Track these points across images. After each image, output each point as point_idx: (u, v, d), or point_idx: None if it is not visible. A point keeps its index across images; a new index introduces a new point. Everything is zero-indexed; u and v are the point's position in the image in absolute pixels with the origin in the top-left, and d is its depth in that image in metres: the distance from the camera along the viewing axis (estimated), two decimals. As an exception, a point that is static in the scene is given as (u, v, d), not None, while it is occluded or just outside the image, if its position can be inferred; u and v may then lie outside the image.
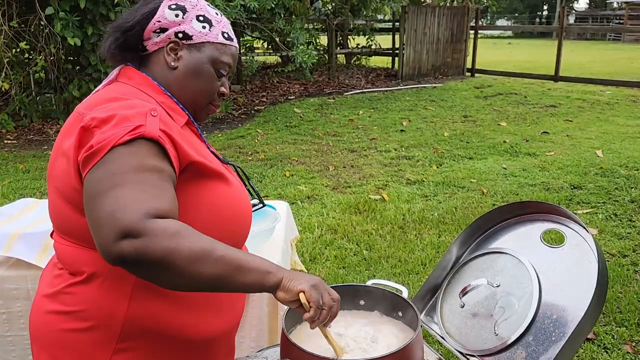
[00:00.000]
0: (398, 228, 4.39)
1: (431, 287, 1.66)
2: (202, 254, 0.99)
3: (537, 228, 1.54)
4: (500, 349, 1.40)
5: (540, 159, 6.25)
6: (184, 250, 0.97)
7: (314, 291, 1.11)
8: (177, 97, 1.25)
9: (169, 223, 0.99)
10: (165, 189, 1.05)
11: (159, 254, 0.96)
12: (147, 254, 0.95)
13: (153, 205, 0.99)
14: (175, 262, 0.97)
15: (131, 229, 0.95)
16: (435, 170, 5.95)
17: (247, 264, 1.06)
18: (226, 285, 1.05)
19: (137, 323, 1.17)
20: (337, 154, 6.72)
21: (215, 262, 1.01)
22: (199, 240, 1.01)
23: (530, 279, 1.45)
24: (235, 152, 6.90)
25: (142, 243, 0.95)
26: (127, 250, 0.94)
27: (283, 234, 2.21)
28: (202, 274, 1.00)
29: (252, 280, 1.06)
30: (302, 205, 4.96)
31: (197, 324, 1.23)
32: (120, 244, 0.94)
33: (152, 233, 0.95)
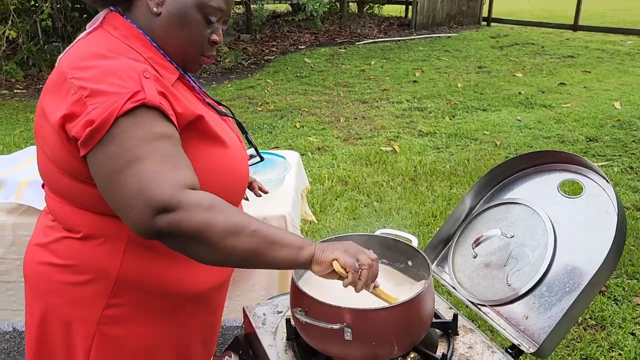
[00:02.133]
0: (409, 180, 4.36)
1: (443, 237, 1.64)
2: (237, 228, 0.98)
3: (554, 178, 1.50)
4: (512, 299, 1.39)
5: (556, 110, 6.12)
6: (219, 224, 0.96)
7: (347, 256, 1.08)
8: (164, 48, 1.15)
9: (202, 195, 0.97)
10: (181, 155, 1.02)
11: (194, 227, 0.94)
12: (182, 228, 0.94)
13: (181, 176, 0.97)
14: (210, 235, 0.96)
15: (167, 203, 0.93)
16: (448, 121, 5.85)
17: (281, 239, 1.04)
18: (259, 260, 1.03)
19: (130, 279, 1.15)
20: (348, 105, 6.62)
21: (249, 237, 0.99)
22: (233, 215, 0.99)
23: (546, 230, 1.42)
24: (245, 103, 6.82)
25: (176, 217, 0.93)
26: (162, 225, 0.94)
27: (294, 183, 2.19)
28: (236, 248, 0.98)
29: (285, 256, 1.04)
30: (312, 156, 4.92)
31: (189, 279, 1.21)
32: (155, 220, 0.93)
33: (186, 206, 0.94)
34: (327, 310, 1.12)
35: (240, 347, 1.40)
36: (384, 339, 1.12)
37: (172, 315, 1.23)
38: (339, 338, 1.11)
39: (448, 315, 1.38)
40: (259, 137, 5.50)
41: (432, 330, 1.34)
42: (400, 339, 1.13)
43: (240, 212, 1.03)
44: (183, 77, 1.19)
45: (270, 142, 5.35)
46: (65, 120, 1.01)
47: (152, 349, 1.23)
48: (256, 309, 1.45)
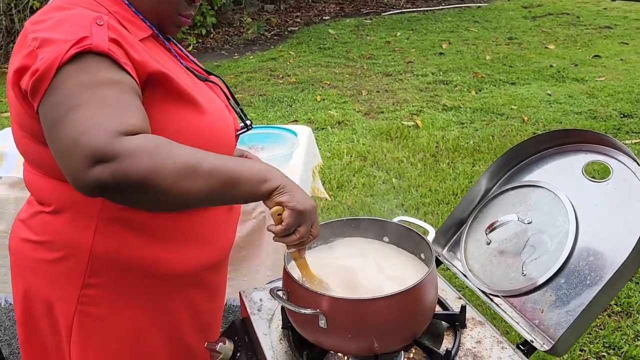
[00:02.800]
0: (430, 156, 4.22)
1: (456, 221, 1.53)
2: (188, 169, 0.89)
3: (579, 160, 1.37)
4: (527, 291, 1.28)
5: (589, 84, 5.84)
6: (167, 167, 0.87)
7: (295, 217, 0.99)
8: (136, 5, 1.08)
9: (144, 138, 0.87)
10: (128, 101, 0.91)
11: (140, 175, 0.85)
12: (126, 177, 0.84)
13: (120, 121, 0.87)
14: (159, 181, 0.86)
15: (102, 153, 0.83)
16: (474, 95, 5.64)
17: (241, 174, 0.95)
18: (219, 200, 0.97)
19: (105, 257, 1.10)
20: (371, 78, 6.45)
21: (204, 177, 0.90)
22: (183, 154, 0.90)
23: (567, 216, 1.30)
24: (266, 75, 6.71)
25: (117, 166, 0.83)
26: (102, 176, 0.83)
27: (303, 160, 2.09)
28: (191, 190, 0.90)
29: (246, 192, 0.96)
30: (332, 130, 4.81)
31: (172, 257, 1.15)
32: (92, 172, 0.83)
33: (126, 153, 0.84)
34: (305, 295, 1.05)
35: (236, 332, 1.33)
36: (359, 331, 1.03)
37: (157, 298, 1.17)
38: (315, 325, 1.04)
39: (456, 307, 1.28)
40: (278, 110, 5.40)
41: (439, 322, 1.24)
42: (384, 335, 1.04)
43: (192, 149, 0.93)
44: (158, 37, 1.11)
45: (290, 116, 5.25)
46: (18, 75, 0.95)
47: (138, 333, 1.18)
48: (253, 293, 1.37)
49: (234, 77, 6.70)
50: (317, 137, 4.67)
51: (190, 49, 8.43)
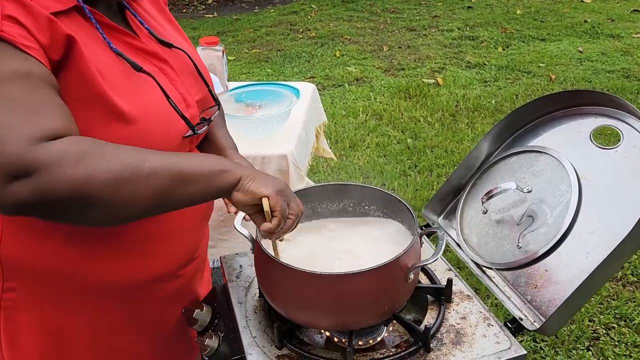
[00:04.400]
0: (449, 116, 4.07)
1: (453, 187, 1.43)
2: (126, 173, 0.76)
3: (587, 124, 1.25)
4: (522, 264, 1.20)
5: (624, 41, 5.51)
6: (101, 174, 0.74)
7: (281, 198, 0.91)
8: None
9: (69, 142, 0.75)
10: (42, 98, 0.77)
11: (67, 188, 0.73)
12: (49, 193, 0.72)
13: (35, 126, 0.73)
14: (92, 193, 0.74)
15: (17, 167, 0.71)
16: (500, 52, 5.39)
17: (192, 169, 0.83)
18: (171, 203, 0.84)
19: (16, 263, 0.98)
20: (393, 33, 6.22)
21: (147, 179, 0.78)
22: (118, 156, 0.77)
23: (570, 185, 1.19)
24: (286, 29, 6.53)
25: (38, 180, 0.71)
26: (21, 195, 0.71)
27: (302, 118, 2.01)
28: (131, 197, 0.77)
29: (202, 189, 0.85)
30: (349, 88, 4.67)
31: (100, 270, 1.00)
32: (11, 190, 0.71)
33: (47, 164, 0.71)
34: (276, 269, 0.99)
35: (216, 298, 1.29)
36: (330, 308, 0.97)
37: (83, 306, 1.05)
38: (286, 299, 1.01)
39: (444, 279, 1.21)
40: (295, 66, 5.27)
41: (424, 295, 1.18)
42: (356, 311, 0.97)
43: (129, 148, 0.80)
44: (82, 10, 0.89)
45: (307, 72, 5.11)
46: None
47: (63, 339, 1.07)
48: (234, 259, 1.32)
49: (252, 31, 6.54)
50: (334, 94, 4.54)
51: (210, 1, 8.25)
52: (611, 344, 2.12)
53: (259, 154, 1.76)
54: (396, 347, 1.06)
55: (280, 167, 1.77)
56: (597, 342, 2.14)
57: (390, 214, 1.21)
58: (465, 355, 1.02)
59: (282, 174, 1.77)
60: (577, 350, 2.10)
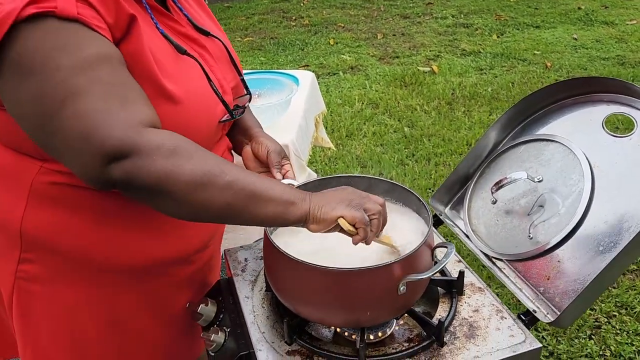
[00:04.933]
0: (445, 104, 4.04)
1: (460, 177, 1.41)
2: (206, 179, 0.80)
3: (599, 111, 1.22)
4: (534, 255, 1.18)
5: (618, 28, 5.50)
6: (185, 174, 0.79)
7: (353, 209, 0.89)
8: None
9: (163, 136, 0.79)
10: (128, 81, 0.82)
11: (154, 176, 0.78)
12: (139, 178, 0.78)
13: (134, 113, 0.78)
14: (173, 188, 0.79)
15: (119, 150, 0.76)
16: (495, 40, 5.36)
17: (265, 192, 0.85)
18: (238, 217, 0.86)
19: (37, 235, 0.98)
20: (387, 20, 6.17)
21: (223, 190, 0.82)
22: (204, 161, 0.81)
23: (582, 175, 1.17)
24: (279, 17, 6.46)
25: (133, 164, 0.77)
26: (117, 175, 0.77)
27: (302, 107, 1.97)
28: (206, 202, 0.82)
29: (272, 213, 0.86)
30: (343, 76, 4.63)
31: (118, 248, 1.01)
32: (108, 170, 0.77)
33: (144, 151, 0.77)
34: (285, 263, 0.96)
35: (221, 293, 1.26)
36: (342, 304, 0.95)
37: (100, 285, 1.05)
38: (295, 294, 0.99)
39: (455, 271, 1.19)
40: (289, 54, 5.21)
41: (434, 287, 1.15)
42: (371, 308, 0.94)
43: (215, 157, 0.84)
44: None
45: (301, 60, 5.06)
46: None
47: (77, 315, 1.06)
48: (238, 252, 1.29)
49: (245, 19, 6.46)
50: (329, 82, 4.50)
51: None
52: (613, 332, 2.12)
53: (259, 144, 1.72)
54: (409, 341, 1.03)
55: (282, 157, 1.73)
56: (598, 331, 2.13)
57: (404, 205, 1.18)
58: (479, 349, 1.00)
59: (283, 165, 1.73)
60: (579, 339, 2.10)
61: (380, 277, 0.93)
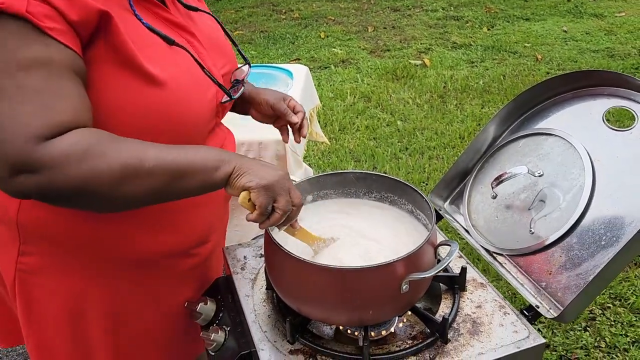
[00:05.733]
0: (437, 97, 4.03)
1: (460, 171, 1.40)
2: (127, 171, 0.79)
3: (599, 105, 1.22)
4: (535, 250, 1.17)
5: (607, 20, 5.53)
6: (103, 174, 0.78)
7: (264, 193, 0.88)
8: None
9: (71, 141, 0.76)
10: (58, 88, 0.77)
11: (69, 185, 0.76)
12: (52, 190, 0.76)
13: (42, 122, 0.75)
14: (94, 189, 0.78)
15: (22, 163, 0.73)
16: (486, 32, 5.37)
17: (188, 166, 0.85)
18: (169, 196, 0.87)
19: (34, 228, 0.98)
20: (378, 13, 6.15)
21: (147, 176, 0.81)
22: (120, 154, 0.79)
23: (583, 169, 1.17)
24: (269, 10, 6.41)
25: (41, 179, 0.75)
26: (26, 187, 0.76)
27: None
28: (132, 193, 0.81)
29: (199, 184, 0.87)
30: (335, 69, 4.60)
31: (116, 239, 1.00)
32: (17, 182, 0.75)
33: (50, 163, 0.74)
34: (286, 261, 0.95)
35: (219, 291, 1.24)
36: (344, 303, 0.93)
37: (99, 275, 1.04)
38: (297, 292, 0.97)
39: (456, 267, 1.18)
40: (280, 47, 5.17)
41: (436, 284, 1.14)
42: (373, 307, 0.93)
43: (131, 146, 0.81)
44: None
45: (292, 54, 5.02)
46: None
47: (75, 307, 1.05)
48: (237, 250, 1.27)
49: (234, 12, 6.40)
50: (320, 76, 4.47)
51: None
52: (607, 323, 2.14)
53: (255, 139, 1.71)
54: (412, 338, 1.03)
55: (278, 152, 1.71)
56: (593, 322, 2.15)
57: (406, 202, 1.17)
58: (483, 345, 0.99)
59: (279, 160, 1.72)
60: (574, 331, 2.11)
61: (383, 275, 0.92)
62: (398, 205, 1.19)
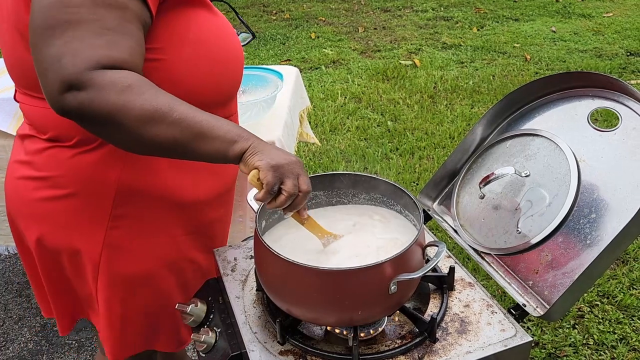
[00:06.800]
0: (428, 97, 4.05)
1: (448, 172, 1.41)
2: (155, 114, 0.86)
3: (584, 106, 1.24)
4: (522, 249, 1.19)
5: (595, 21, 5.58)
6: (135, 108, 0.85)
7: (272, 172, 0.91)
8: None
9: (120, 75, 0.85)
10: (125, 32, 0.88)
11: (105, 109, 0.84)
12: (91, 109, 0.84)
13: (105, 53, 0.85)
14: (124, 120, 0.85)
15: (75, 81, 0.82)
16: (475, 33, 5.40)
17: (211, 130, 0.90)
18: (184, 153, 0.91)
19: (131, 187, 1.09)
20: (368, 14, 6.17)
21: (170, 125, 0.87)
22: (155, 98, 0.86)
23: (568, 169, 1.19)
24: (259, 11, 6.41)
25: (85, 97, 0.83)
26: (70, 103, 0.83)
27: (288, 104, 1.95)
28: (155, 136, 0.87)
29: (215, 150, 0.91)
30: (326, 70, 4.61)
31: (191, 184, 1.16)
32: (64, 97, 0.83)
33: (97, 86, 0.83)
34: (275, 263, 0.96)
35: (210, 293, 1.25)
36: (333, 304, 0.94)
37: (176, 224, 1.19)
38: (287, 294, 0.99)
39: (445, 266, 1.19)
40: (270, 48, 5.18)
41: (425, 283, 1.16)
42: (362, 307, 0.94)
43: (167, 95, 0.89)
44: None
45: (283, 55, 5.03)
46: None
47: (157, 263, 1.20)
48: (227, 252, 1.28)
49: (224, 13, 6.37)
50: (311, 77, 4.48)
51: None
52: (595, 321, 2.16)
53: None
54: (401, 338, 1.04)
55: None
56: (582, 320, 2.17)
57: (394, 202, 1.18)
58: (471, 344, 1.00)
59: (269, 162, 1.72)
60: (563, 329, 2.13)
61: (371, 277, 0.93)
62: (387, 206, 1.20)
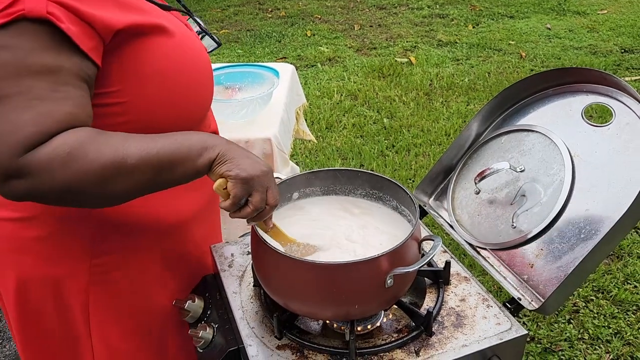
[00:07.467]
0: (424, 94, 4.06)
1: (444, 167, 1.42)
2: (110, 171, 0.80)
3: (578, 101, 1.25)
4: (517, 244, 1.20)
5: (590, 18, 5.60)
6: (87, 174, 0.80)
7: (240, 185, 0.88)
8: None
9: (55, 145, 0.78)
10: (60, 98, 0.80)
11: (57, 189, 0.79)
12: (42, 192, 0.80)
13: (35, 130, 0.77)
14: (81, 189, 0.81)
15: (9, 171, 0.77)
16: (471, 30, 5.41)
17: (173, 155, 0.85)
18: (159, 187, 0.89)
19: (112, 219, 1.04)
20: (364, 12, 6.17)
21: (131, 173, 0.82)
22: (102, 154, 0.80)
23: (563, 164, 1.20)
24: (254, 9, 6.40)
25: (30, 183, 0.78)
26: (18, 191, 0.79)
27: (284, 101, 1.96)
28: (121, 190, 0.84)
29: (185, 172, 0.88)
30: (322, 68, 4.62)
31: (172, 205, 1.11)
32: (8, 185, 0.78)
33: (35, 171, 0.77)
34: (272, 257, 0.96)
35: (207, 288, 1.26)
36: (331, 298, 0.95)
37: (160, 244, 1.15)
38: (284, 289, 0.99)
39: (441, 261, 1.20)
40: (266, 46, 5.17)
41: (421, 278, 1.16)
42: (359, 302, 0.95)
43: (110, 141, 0.82)
44: None
45: (278, 52, 5.03)
46: None
47: (148, 288, 1.16)
48: (224, 248, 1.28)
49: (220, 11, 6.39)
50: (307, 74, 4.49)
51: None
52: (590, 315, 2.18)
53: (242, 137, 1.72)
54: (398, 332, 1.05)
55: (264, 150, 1.73)
56: (577, 315, 2.19)
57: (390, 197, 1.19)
58: (467, 337, 1.01)
59: (266, 158, 1.73)
60: (558, 324, 2.15)
61: (368, 270, 0.93)
62: (383, 201, 1.20)
